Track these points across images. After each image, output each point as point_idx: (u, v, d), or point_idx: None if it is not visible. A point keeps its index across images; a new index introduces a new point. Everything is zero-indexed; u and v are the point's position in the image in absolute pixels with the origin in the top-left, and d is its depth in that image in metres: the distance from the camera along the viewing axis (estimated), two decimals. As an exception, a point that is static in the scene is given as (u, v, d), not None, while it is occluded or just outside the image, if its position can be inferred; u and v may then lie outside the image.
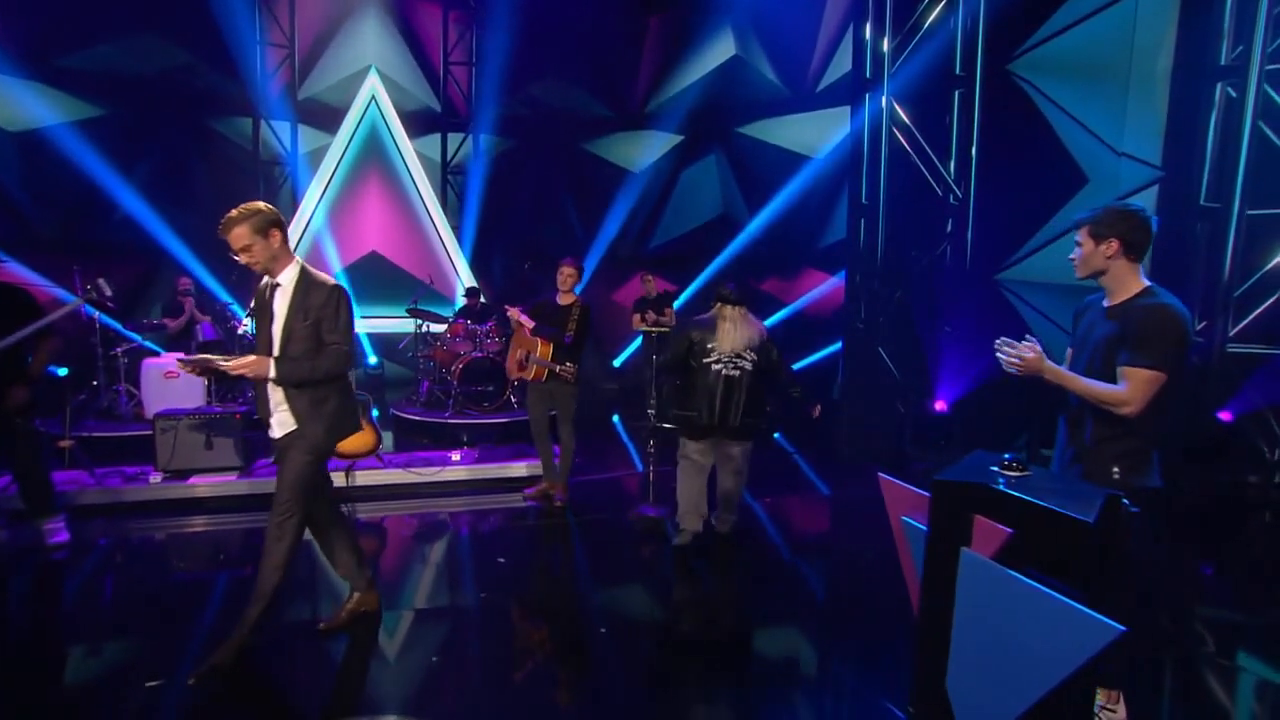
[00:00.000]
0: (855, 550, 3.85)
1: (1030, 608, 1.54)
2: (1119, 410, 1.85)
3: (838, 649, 2.87)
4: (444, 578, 3.42)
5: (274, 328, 2.46)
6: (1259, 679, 2.62)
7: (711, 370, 3.36)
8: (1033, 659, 1.56)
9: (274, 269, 2.46)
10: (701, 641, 2.82)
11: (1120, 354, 1.87)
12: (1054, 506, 1.53)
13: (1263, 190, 4.67)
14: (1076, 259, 2.01)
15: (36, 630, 2.83)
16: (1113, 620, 1.35)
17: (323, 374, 2.47)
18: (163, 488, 4.09)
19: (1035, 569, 1.58)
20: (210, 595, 3.14)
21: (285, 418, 2.48)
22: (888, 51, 5.19)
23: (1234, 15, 4.72)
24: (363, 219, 9.02)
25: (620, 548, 3.79)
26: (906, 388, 5.29)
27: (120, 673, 2.48)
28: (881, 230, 5.32)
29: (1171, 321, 1.84)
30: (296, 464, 2.45)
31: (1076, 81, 5.02)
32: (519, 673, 2.53)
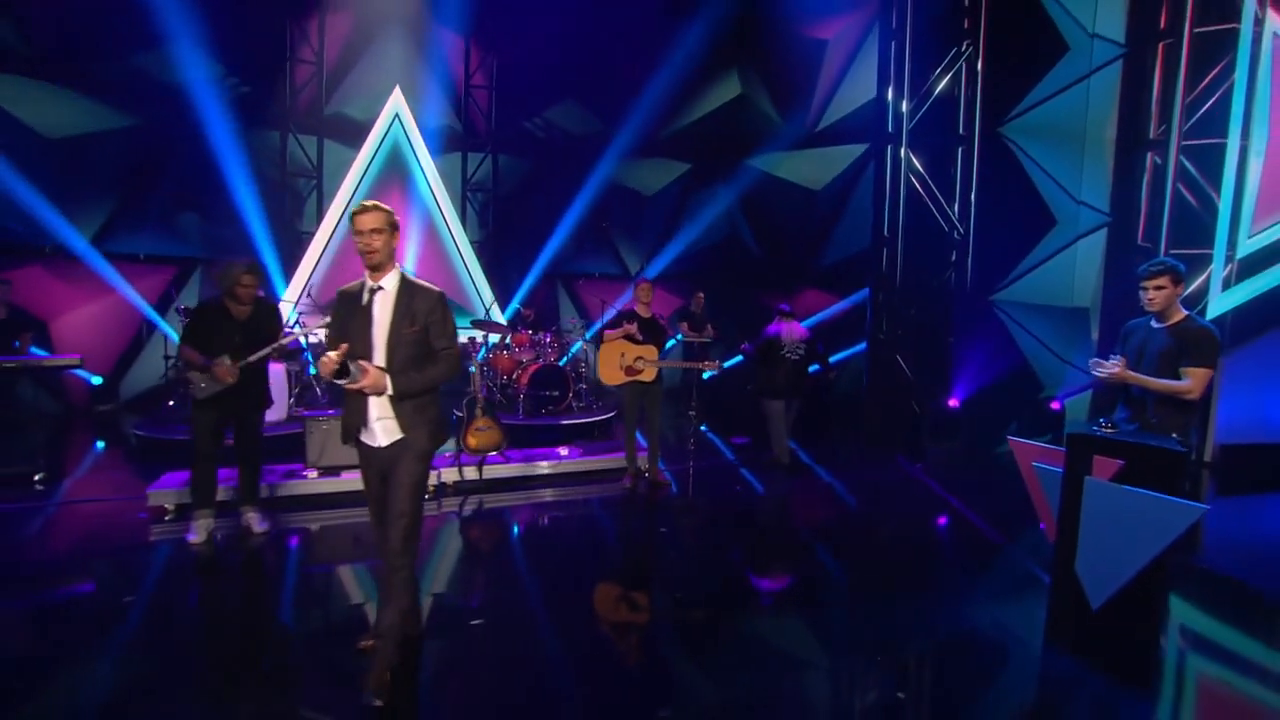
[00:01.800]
0: (884, 507, 4.92)
1: (1137, 506, 2.58)
2: (1185, 397, 2.91)
3: (902, 563, 3.88)
4: (618, 547, 4.18)
5: (375, 332, 2.43)
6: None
7: (784, 358, 5.29)
8: (1138, 540, 2.59)
9: (383, 269, 2.45)
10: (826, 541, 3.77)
11: (1182, 360, 2.94)
12: (1156, 444, 2.59)
13: (1182, 235, 6.20)
14: (1159, 297, 3.01)
15: (260, 601, 3.38)
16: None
17: (436, 382, 2.48)
18: (319, 482, 4.57)
19: (1135, 485, 2.62)
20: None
21: (390, 425, 2.46)
22: (905, 112, 6.42)
23: (1158, 101, 6.26)
24: (384, 232, 9.40)
25: (725, 505, 4.67)
26: (921, 389, 6.49)
27: (340, 635, 2.97)
28: (900, 258, 6.51)
29: (1214, 337, 2.97)
30: (413, 473, 2.45)
31: (1048, 144, 6.45)
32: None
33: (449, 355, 2.49)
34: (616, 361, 4.76)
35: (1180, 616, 3.28)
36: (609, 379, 4.82)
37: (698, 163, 9.92)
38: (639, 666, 2.76)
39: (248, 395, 3.82)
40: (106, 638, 2.81)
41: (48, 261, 7.20)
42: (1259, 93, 5.96)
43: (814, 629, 3.14)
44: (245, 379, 3.71)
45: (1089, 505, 2.73)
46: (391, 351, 2.42)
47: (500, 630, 2.96)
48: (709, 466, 5.70)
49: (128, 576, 3.47)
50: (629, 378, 4.77)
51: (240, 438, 3.92)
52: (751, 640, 2.99)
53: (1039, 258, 6.49)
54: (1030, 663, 2.85)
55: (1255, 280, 6.04)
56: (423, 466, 2.49)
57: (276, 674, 2.64)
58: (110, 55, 7.45)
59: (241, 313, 3.77)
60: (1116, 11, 6.34)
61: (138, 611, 3.09)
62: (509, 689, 2.54)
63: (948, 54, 6.33)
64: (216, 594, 3.42)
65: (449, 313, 2.51)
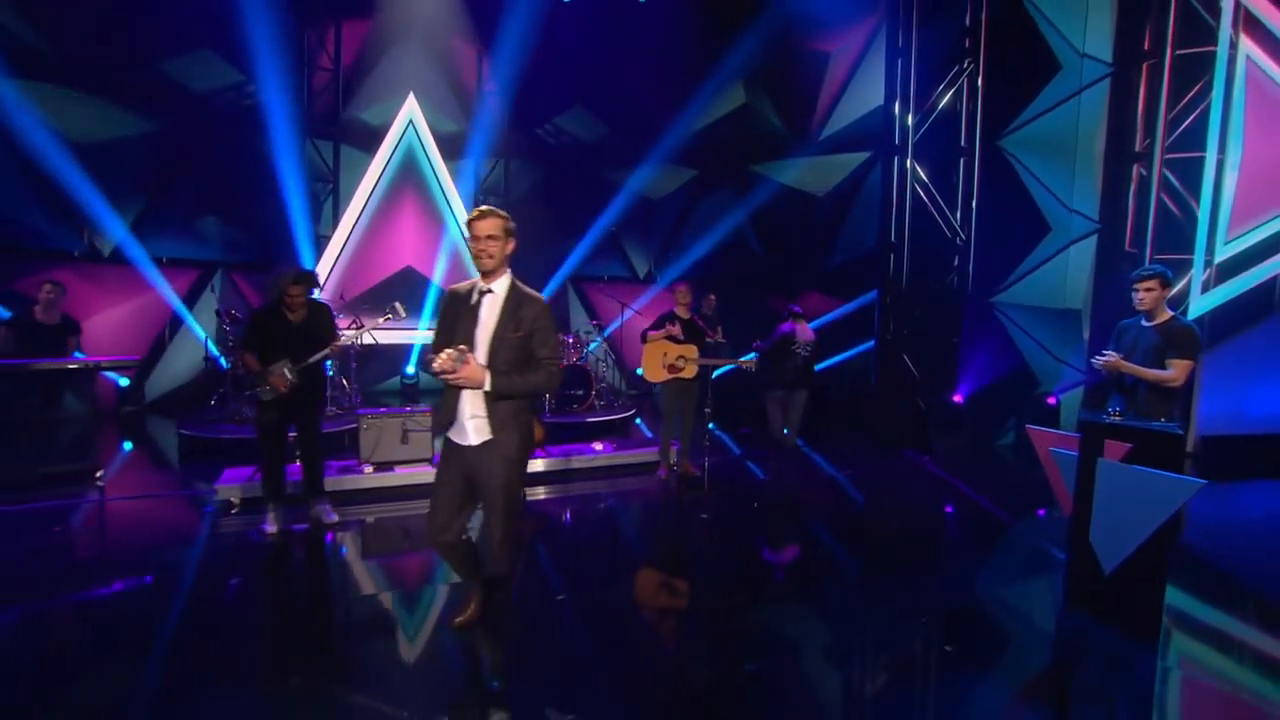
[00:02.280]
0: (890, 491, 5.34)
1: (1143, 483, 2.99)
2: (1169, 384, 3.36)
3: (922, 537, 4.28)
4: (668, 532, 4.53)
5: (479, 332, 2.50)
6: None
7: (796, 353, 6.21)
8: (1143, 513, 3.01)
9: (495, 273, 2.53)
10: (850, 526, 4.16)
11: (1168, 353, 3.39)
12: (1159, 429, 3.01)
13: (1165, 242, 6.71)
14: (1149, 298, 3.48)
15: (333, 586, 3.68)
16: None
17: (535, 389, 2.54)
18: (375, 477, 4.85)
19: (1141, 465, 3.03)
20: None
21: (482, 425, 2.49)
22: (911, 125, 6.86)
23: (1143, 117, 6.77)
24: (398, 235, 9.65)
25: (755, 494, 5.04)
26: (925, 385, 6.92)
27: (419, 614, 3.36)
28: (906, 262, 6.95)
29: (1195, 334, 3.41)
30: (503, 475, 2.50)
31: (1043, 156, 6.92)
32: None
33: (550, 365, 2.52)
34: (659, 360, 5.11)
35: (1176, 581, 3.71)
36: (652, 376, 5.16)
37: (704, 169, 10.30)
38: (704, 628, 3.10)
39: (306, 395, 4.03)
40: (208, 619, 3.09)
41: (76, 265, 7.34)
42: (1234, 110, 6.49)
43: (859, 596, 3.51)
44: (303, 380, 3.96)
45: (1101, 483, 3.14)
46: (494, 353, 2.46)
47: (583, 602, 3.29)
48: (724, 461, 6.08)
49: (216, 564, 3.73)
50: (671, 375, 5.12)
51: (301, 435, 4.15)
52: (805, 605, 3.36)
53: (1034, 262, 6.96)
54: (1053, 620, 3.26)
55: (1232, 284, 6.57)
56: (511, 471, 2.52)
57: (363, 650, 2.94)
58: (136, 63, 7.62)
59: (296, 316, 4.00)
60: (1104, 33, 6.84)
61: (233, 595, 3.37)
62: (598, 654, 2.88)
63: (950, 71, 6.78)
64: (297, 579, 3.70)
65: (553, 324, 2.55)
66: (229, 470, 4.79)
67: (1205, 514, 4.85)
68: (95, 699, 2.42)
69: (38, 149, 6.91)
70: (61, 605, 3.21)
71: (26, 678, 2.56)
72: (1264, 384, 6.74)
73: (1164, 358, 3.41)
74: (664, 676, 2.72)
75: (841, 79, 9.15)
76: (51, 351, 5.16)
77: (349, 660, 2.78)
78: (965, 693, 2.64)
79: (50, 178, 7.01)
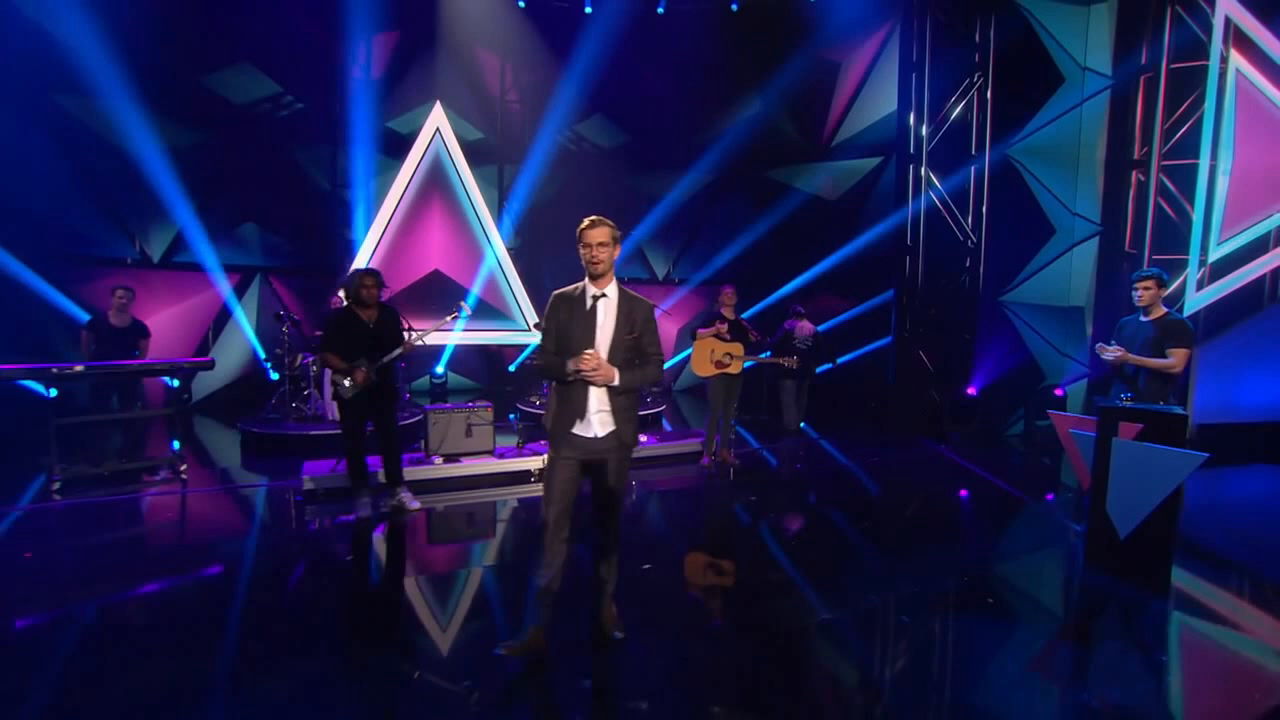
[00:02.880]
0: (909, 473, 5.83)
1: (1153, 457, 3.48)
2: (1170, 371, 3.85)
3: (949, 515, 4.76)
4: (725, 511, 4.98)
5: (599, 335, 2.73)
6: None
7: (796, 347, 6.81)
8: (1154, 483, 3.49)
9: (605, 278, 2.76)
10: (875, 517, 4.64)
11: (1167, 343, 3.88)
12: (1168, 410, 3.50)
13: (1162, 243, 7.24)
14: (1147, 296, 3.99)
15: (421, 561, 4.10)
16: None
17: (649, 382, 2.86)
18: (445, 467, 5.28)
19: (1150, 441, 3.52)
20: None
21: (606, 419, 2.75)
22: (925, 135, 7.35)
23: (1141, 127, 7.30)
24: (426, 239, 10.06)
25: (793, 479, 5.51)
26: (940, 379, 7.42)
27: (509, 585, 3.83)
28: (921, 263, 7.44)
29: (1188, 326, 3.92)
30: (623, 460, 2.81)
31: (1048, 163, 7.44)
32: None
33: (657, 359, 2.81)
34: (707, 356, 5.57)
35: (1181, 547, 4.21)
36: (701, 371, 5.62)
37: (721, 175, 10.76)
38: (774, 585, 3.56)
39: (383, 392, 4.46)
40: (323, 593, 3.52)
41: (129, 271, 7.71)
42: (1225, 120, 7.02)
43: (909, 560, 3.98)
44: (380, 377, 4.38)
45: (1117, 459, 3.62)
46: (613, 353, 2.71)
47: (666, 571, 3.74)
48: (747, 450, 6.54)
49: (321, 546, 4.15)
50: (718, 370, 5.58)
51: (380, 428, 4.53)
52: (866, 567, 3.83)
53: (1040, 263, 7.48)
54: (1076, 578, 3.75)
55: (1224, 282, 7.11)
56: (628, 456, 2.83)
57: (456, 620, 3.37)
58: (184, 76, 7.99)
59: (370, 316, 4.39)
60: (1104, 48, 7.37)
61: (342, 572, 3.80)
62: (689, 614, 3.33)
63: (961, 85, 7.28)
64: (392, 558, 4.12)
65: (656, 323, 2.84)
66: (307, 463, 5.20)
67: (1202, 494, 5.35)
68: (236, 653, 2.85)
69: (95, 160, 7.28)
70: (192, 582, 3.62)
71: (169, 645, 2.99)
72: (1255, 375, 7.28)
73: (1161, 348, 3.91)
74: (760, 624, 3.17)
75: (853, 88, 9.63)
76: (124, 354, 5.53)
77: (443, 630, 3.21)
78: (1006, 637, 3.12)
79: (107, 188, 7.38)
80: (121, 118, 7.50)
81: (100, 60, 7.20)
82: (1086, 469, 3.82)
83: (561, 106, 10.25)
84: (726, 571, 3.88)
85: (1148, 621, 3.30)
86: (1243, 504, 5.39)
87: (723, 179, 10.82)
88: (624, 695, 2.63)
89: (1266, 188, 7.06)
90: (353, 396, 4.27)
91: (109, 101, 7.37)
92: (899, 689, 2.68)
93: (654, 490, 5.42)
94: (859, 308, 8.83)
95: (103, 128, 7.43)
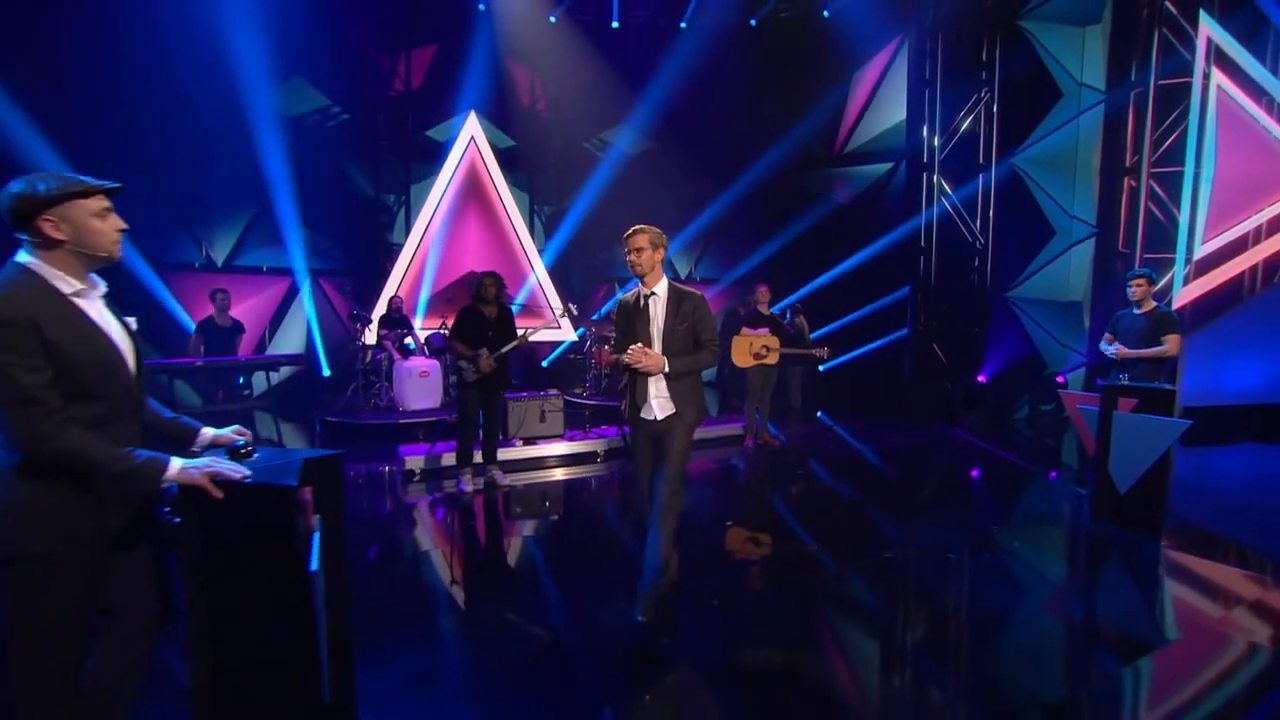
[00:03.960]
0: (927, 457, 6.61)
1: (1146, 426, 4.26)
2: (1166, 355, 4.63)
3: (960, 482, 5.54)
4: (780, 483, 5.73)
5: (652, 329, 2.98)
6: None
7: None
8: (1148, 447, 4.27)
9: (650, 279, 3.01)
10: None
11: (1159, 332, 4.66)
12: (1158, 387, 4.29)
13: (1151, 243, 8.06)
14: (1139, 292, 4.77)
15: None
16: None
17: (702, 367, 3.04)
18: (525, 449, 5.98)
19: (1145, 413, 4.30)
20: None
21: (665, 403, 2.98)
22: (937, 146, 8.14)
23: (1132, 137, 8.12)
24: (462, 242, 10.72)
25: (827, 457, 6.28)
26: (952, 369, 8.22)
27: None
28: (934, 263, 8.24)
29: (1176, 317, 4.71)
30: (682, 441, 2.96)
31: (1048, 171, 8.26)
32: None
33: (711, 345, 3.03)
34: (747, 349, 6.31)
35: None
36: (741, 362, 6.36)
37: (739, 178, 11.49)
38: (839, 532, 4.31)
39: (498, 379, 5.17)
40: (453, 553, 4.23)
41: (197, 275, 8.33)
42: (1207, 132, 7.86)
43: (936, 516, 4.74)
44: (497, 365, 5.09)
45: (1117, 428, 4.40)
46: (667, 343, 2.96)
47: (736, 539, 4.49)
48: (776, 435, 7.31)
49: (438, 514, 4.85)
50: (756, 361, 6.32)
51: (488, 411, 5.25)
52: (910, 523, 4.60)
53: (1042, 262, 8.30)
54: (1084, 528, 4.54)
55: (1207, 278, 7.95)
56: (689, 437, 3.01)
57: (557, 578, 4.10)
58: (247, 92, 8.61)
59: (490, 312, 5.11)
60: (1099, 66, 8.18)
61: (468, 534, 4.51)
62: (762, 577, 4.08)
63: (970, 99, 8.07)
64: (500, 523, 4.83)
65: (709, 311, 3.09)
66: (402, 447, 5.88)
67: (1189, 468, 6.15)
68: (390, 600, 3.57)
69: (166, 170, 7.91)
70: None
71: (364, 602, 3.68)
72: (1235, 362, 8.13)
73: (1153, 337, 4.71)
74: (837, 558, 3.92)
75: (864, 97, 10.41)
76: (229, 351, 6.20)
77: (538, 582, 3.94)
78: (1031, 571, 3.90)
79: (176, 197, 8.01)
80: (190, 130, 8.13)
81: (172, 79, 7.85)
82: (1091, 437, 4.59)
83: (588, 115, 10.95)
84: (802, 523, 4.64)
85: (1144, 558, 4.08)
86: (1223, 475, 6.21)
87: (741, 184, 11.55)
88: (744, 616, 3.37)
89: (1245, 193, 7.91)
90: (473, 381, 4.98)
91: (180, 117, 8.00)
92: (947, 604, 3.45)
93: (713, 466, 6.18)
94: (873, 305, 9.61)
95: (172, 141, 8.05)
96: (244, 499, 1.81)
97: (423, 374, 7.22)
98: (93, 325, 1.73)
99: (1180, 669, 2.92)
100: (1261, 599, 3.51)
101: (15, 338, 1.56)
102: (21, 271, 1.66)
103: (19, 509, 1.64)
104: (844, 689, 2.75)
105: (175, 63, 7.97)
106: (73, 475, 1.69)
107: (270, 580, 1.84)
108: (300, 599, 1.80)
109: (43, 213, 1.64)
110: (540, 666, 2.83)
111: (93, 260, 1.74)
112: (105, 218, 1.74)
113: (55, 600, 1.70)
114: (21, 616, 1.68)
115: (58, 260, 1.69)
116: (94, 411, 1.71)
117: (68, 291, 1.70)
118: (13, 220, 1.65)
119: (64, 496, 1.69)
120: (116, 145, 7.72)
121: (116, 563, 1.86)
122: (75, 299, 1.71)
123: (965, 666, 2.95)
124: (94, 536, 1.76)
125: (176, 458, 1.80)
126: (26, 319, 1.58)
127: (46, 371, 1.60)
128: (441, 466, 5.57)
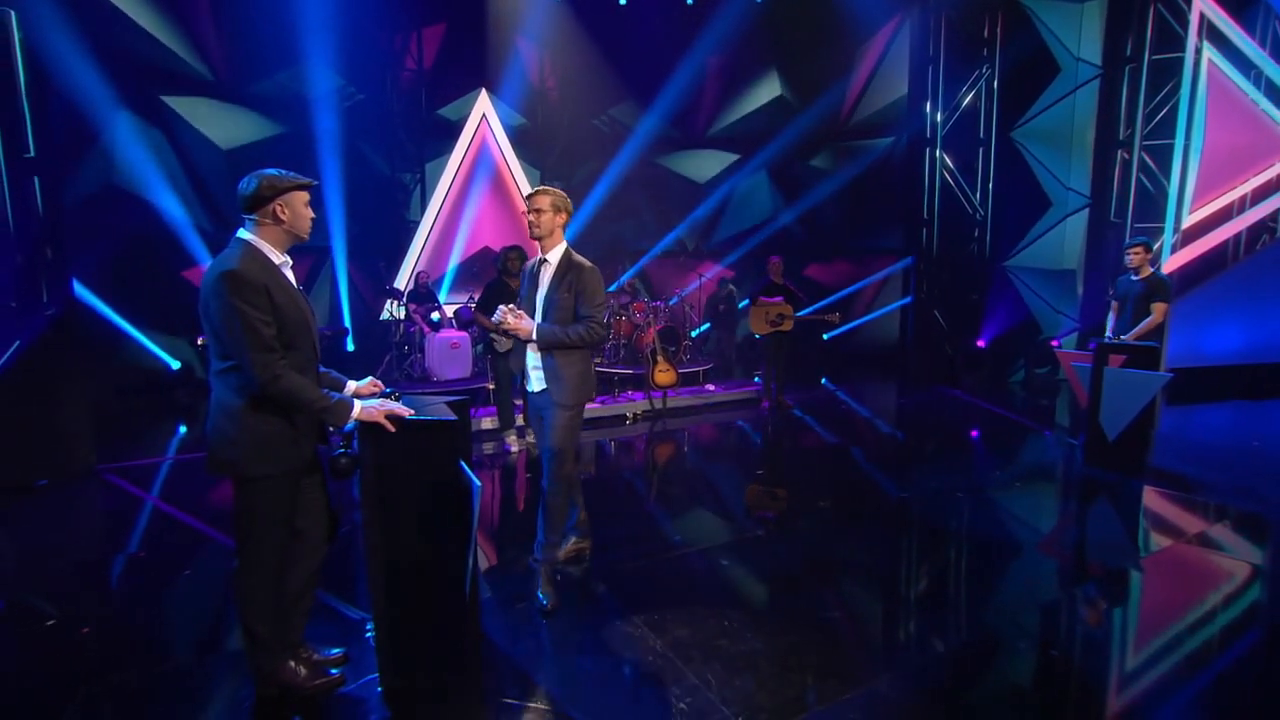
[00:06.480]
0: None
1: (1133, 380, 4.79)
2: (1153, 325, 5.13)
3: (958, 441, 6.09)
4: (799, 439, 6.26)
5: (537, 296, 2.97)
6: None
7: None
8: (1133, 400, 4.81)
9: (547, 244, 2.98)
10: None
11: (1153, 298, 5.16)
12: (1145, 345, 4.81)
13: (1142, 213, 8.54)
14: (1136, 259, 5.25)
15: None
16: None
17: (574, 341, 2.91)
18: (556, 412, 6.46)
19: (1132, 369, 4.83)
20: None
21: (539, 375, 3.00)
22: (939, 121, 8.55)
23: (1125, 111, 8.55)
24: (476, 218, 11.05)
25: (839, 418, 6.81)
26: (952, 334, 8.74)
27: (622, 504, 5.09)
28: (936, 234, 8.70)
29: (1169, 283, 5.21)
30: (559, 418, 2.96)
31: (1045, 144, 8.69)
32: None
33: (590, 322, 2.92)
34: (764, 317, 6.78)
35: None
36: (758, 330, 6.84)
37: (745, 154, 11.85)
38: (859, 477, 4.84)
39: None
40: (508, 503, 4.73)
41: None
42: (1198, 106, 8.31)
43: (943, 464, 5.29)
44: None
45: (1107, 382, 4.92)
46: (545, 313, 2.95)
47: (759, 494, 5.01)
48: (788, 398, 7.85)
49: (493, 472, 5.34)
50: (772, 329, 6.80)
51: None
52: (923, 470, 5.14)
53: (1038, 232, 8.78)
54: (1077, 471, 5.11)
55: (1194, 246, 8.47)
56: (565, 415, 2.94)
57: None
58: (263, 74, 8.87)
59: (515, 285, 5.54)
60: (1094, 41, 8.58)
61: (528, 484, 5.02)
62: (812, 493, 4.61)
63: (971, 75, 8.45)
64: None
65: (599, 286, 2.97)
66: (444, 412, 6.34)
67: (1173, 426, 6.73)
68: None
69: (194, 156, 8.20)
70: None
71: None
72: (1218, 326, 8.70)
73: (1149, 300, 5.21)
74: (856, 499, 4.45)
75: (867, 72, 10.74)
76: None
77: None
78: (1033, 505, 4.46)
79: (206, 181, 8.31)
80: (219, 114, 8.40)
81: (194, 63, 8.06)
82: (1084, 390, 5.13)
83: (597, 93, 11.23)
84: (827, 473, 5.17)
85: (1129, 496, 4.64)
86: (1203, 430, 6.80)
87: (747, 158, 11.91)
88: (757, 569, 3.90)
89: (1231, 164, 8.39)
90: (507, 351, 5.42)
91: (208, 98, 8.27)
92: (959, 531, 4.00)
93: (734, 424, 6.73)
94: (875, 275, 10.08)
95: (202, 126, 8.32)
96: (413, 432, 2.27)
97: (454, 345, 7.64)
98: (295, 290, 2.20)
99: (1154, 586, 3.49)
100: (1221, 525, 4.09)
101: (256, 297, 2.02)
102: (247, 245, 2.12)
103: (253, 437, 2.11)
104: (867, 610, 3.30)
105: (198, 42, 8.22)
106: (281, 412, 2.15)
107: (434, 497, 2.31)
108: (460, 511, 2.28)
109: (279, 197, 2.08)
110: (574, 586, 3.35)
111: (294, 239, 2.20)
112: (308, 207, 2.19)
113: (277, 512, 2.19)
114: (257, 524, 2.16)
115: (273, 237, 2.15)
116: (296, 360, 2.18)
117: (277, 262, 2.15)
118: (253, 200, 2.10)
119: (278, 429, 2.16)
120: (145, 130, 8.00)
121: (303, 487, 2.33)
122: (282, 269, 2.16)
123: (974, 582, 3.51)
124: (298, 463, 2.23)
125: (356, 399, 2.27)
126: (261, 283, 2.04)
127: (274, 325, 2.06)
128: (482, 430, 6.04)
